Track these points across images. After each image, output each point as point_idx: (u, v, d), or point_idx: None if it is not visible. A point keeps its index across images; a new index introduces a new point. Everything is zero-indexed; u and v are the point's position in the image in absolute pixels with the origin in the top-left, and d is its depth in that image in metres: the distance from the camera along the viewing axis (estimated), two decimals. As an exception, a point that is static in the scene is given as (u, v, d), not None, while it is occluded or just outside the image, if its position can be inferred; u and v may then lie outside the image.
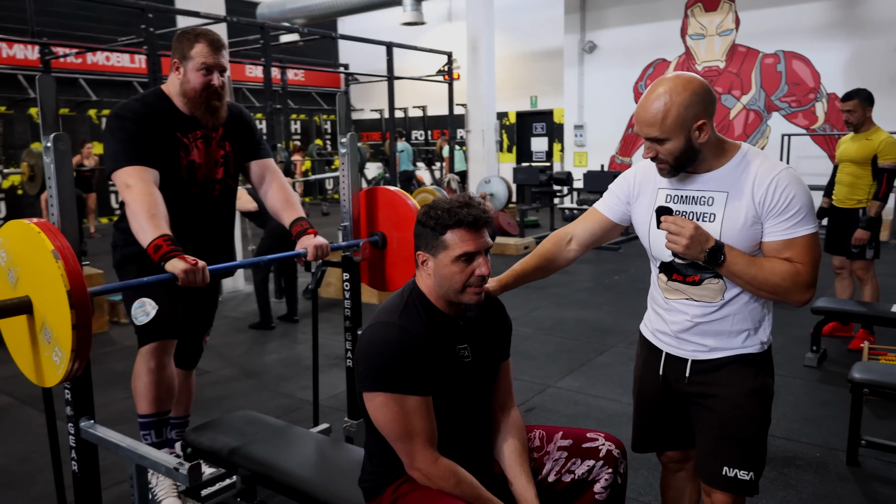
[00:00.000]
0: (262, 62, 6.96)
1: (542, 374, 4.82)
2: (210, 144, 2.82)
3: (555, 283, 7.84)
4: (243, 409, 4.22)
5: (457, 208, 1.91)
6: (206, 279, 2.35)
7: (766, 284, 1.93)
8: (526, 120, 16.59)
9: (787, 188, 1.91)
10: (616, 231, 2.32)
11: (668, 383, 2.19)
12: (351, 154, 3.09)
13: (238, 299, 7.53)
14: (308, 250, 2.76)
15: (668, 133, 1.91)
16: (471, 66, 11.55)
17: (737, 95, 12.33)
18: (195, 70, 2.69)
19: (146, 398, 2.76)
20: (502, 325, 2.18)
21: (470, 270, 1.91)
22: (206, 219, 2.89)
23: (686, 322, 2.10)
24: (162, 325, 2.71)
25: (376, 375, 1.86)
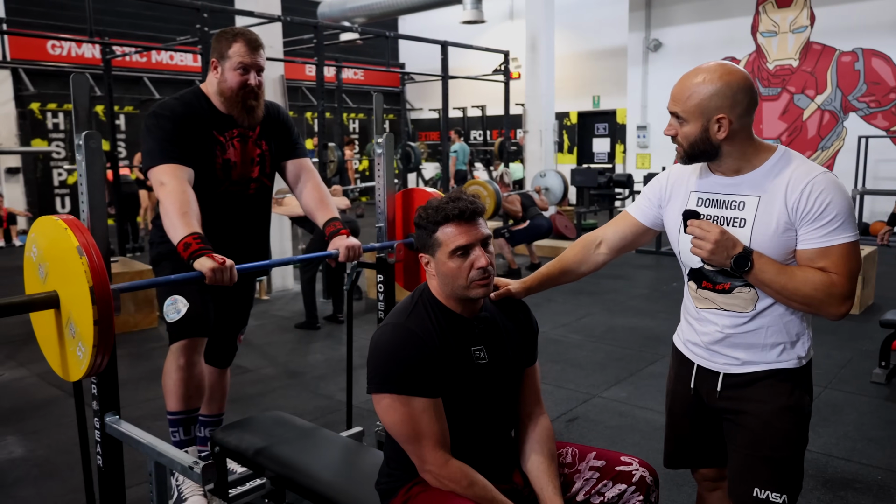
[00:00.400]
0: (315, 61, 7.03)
1: (589, 383, 4.77)
2: (246, 143, 2.87)
3: (609, 289, 7.78)
4: (280, 409, 4.30)
5: (444, 204, 1.93)
6: (233, 278, 2.38)
7: (798, 295, 1.86)
8: (588, 120, 16.45)
9: (822, 193, 1.84)
10: (648, 236, 2.28)
11: (700, 397, 2.14)
12: (386, 155, 3.11)
13: (286, 298, 7.63)
14: (340, 251, 2.79)
15: (688, 114, 1.89)
16: (530, 64, 11.51)
17: (811, 95, 12.02)
18: (232, 69, 2.75)
19: (175, 395, 2.81)
20: (526, 327, 2.17)
21: (469, 264, 1.92)
22: (241, 217, 2.94)
23: (717, 333, 2.04)
24: (192, 323, 2.76)
25: (382, 377, 1.88)
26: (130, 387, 4.73)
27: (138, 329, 6.17)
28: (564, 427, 4.05)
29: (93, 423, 2.40)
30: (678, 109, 1.90)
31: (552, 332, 6.10)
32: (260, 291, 7.62)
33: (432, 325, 1.94)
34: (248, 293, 3.22)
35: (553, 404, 4.37)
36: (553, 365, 5.17)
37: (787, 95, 12.20)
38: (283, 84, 7.59)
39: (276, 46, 7.67)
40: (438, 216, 1.92)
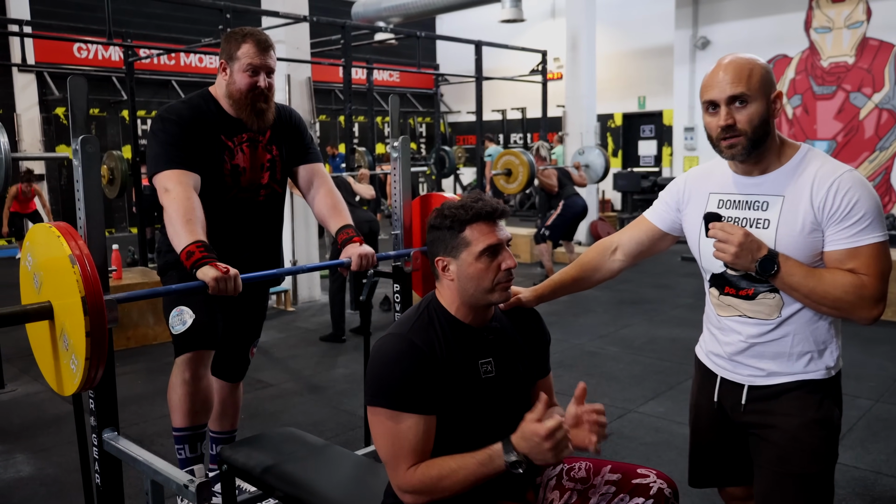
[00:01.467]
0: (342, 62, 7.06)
1: (624, 398, 4.72)
2: (256, 148, 2.87)
3: (651, 299, 7.72)
4: (300, 426, 4.29)
5: (471, 203, 1.92)
6: (238, 288, 2.37)
7: (827, 298, 1.83)
8: (633, 122, 16.32)
9: (850, 191, 1.82)
10: (666, 241, 2.26)
11: (724, 411, 2.11)
12: (402, 158, 3.09)
13: (313, 309, 7.67)
14: (352, 259, 2.77)
15: (754, 90, 1.86)
16: (570, 64, 11.46)
17: (868, 94, 11.77)
18: (241, 71, 2.75)
19: (180, 410, 2.81)
20: (537, 338, 2.14)
21: (496, 265, 1.91)
22: (251, 226, 2.94)
23: (740, 343, 2.02)
24: (198, 335, 2.76)
25: (376, 389, 1.86)
26: (147, 402, 4.77)
27: (157, 342, 6.23)
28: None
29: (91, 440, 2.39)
30: (741, 88, 1.86)
31: (589, 343, 6.06)
32: (285, 303, 7.66)
33: (437, 336, 1.92)
34: (259, 304, 3.21)
35: (584, 421, 4.30)
36: (588, 378, 5.12)
37: (843, 94, 11.97)
38: (311, 86, 7.64)
39: (303, 47, 7.72)
40: (467, 215, 1.91)
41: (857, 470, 3.58)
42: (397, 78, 18.12)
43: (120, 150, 7.91)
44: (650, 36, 15.36)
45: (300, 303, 7.91)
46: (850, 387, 4.57)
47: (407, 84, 18.29)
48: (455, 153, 14.81)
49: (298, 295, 7.94)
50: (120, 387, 5.00)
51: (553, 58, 14.68)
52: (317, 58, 8.79)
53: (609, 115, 16.22)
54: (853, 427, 4.10)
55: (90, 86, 10.34)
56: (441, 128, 14.99)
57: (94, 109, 13.37)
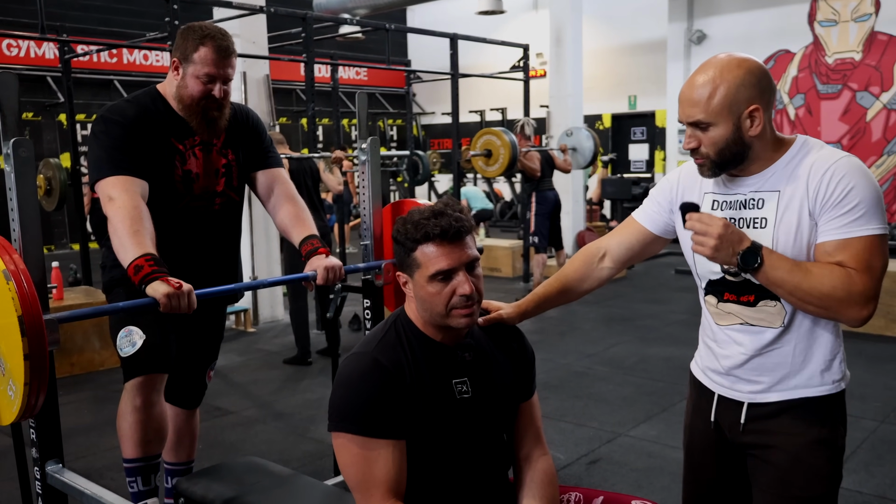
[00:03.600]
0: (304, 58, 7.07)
1: (614, 421, 4.77)
2: (210, 152, 2.88)
3: (643, 315, 7.78)
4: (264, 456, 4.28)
5: (424, 219, 1.91)
6: (192, 305, 2.39)
7: (813, 294, 1.83)
8: (623, 124, 16.46)
9: (845, 178, 1.84)
10: (658, 245, 2.28)
11: (722, 432, 2.13)
12: (372, 162, 3.11)
13: (276, 330, 7.66)
14: (318, 272, 2.79)
15: (714, 116, 1.88)
16: (554, 60, 11.51)
17: (875, 93, 11.93)
18: (195, 77, 2.75)
19: (131, 440, 2.81)
20: (519, 357, 2.16)
21: (450, 291, 1.90)
22: (206, 237, 2.94)
23: (740, 354, 2.03)
24: (149, 358, 2.76)
25: (340, 413, 1.88)
26: (95, 433, 4.75)
27: (105, 368, 6.19)
28: (584, 470, 4.04)
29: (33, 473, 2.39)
30: (699, 114, 1.89)
31: (576, 363, 6.10)
32: (245, 323, 7.65)
33: (405, 354, 1.94)
34: (216, 323, 3.23)
35: (572, 445, 4.37)
36: (575, 401, 5.17)
37: (849, 93, 12.13)
38: (269, 85, 7.64)
39: (261, 42, 7.71)
40: (418, 233, 1.90)
41: (861, 495, 3.64)
42: (365, 76, 18.14)
43: (58, 158, 7.81)
44: (641, 30, 15.48)
45: (261, 323, 7.90)
46: (854, 407, 4.59)
47: (376, 83, 18.31)
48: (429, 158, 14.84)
49: (259, 314, 7.92)
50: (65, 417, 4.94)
51: (536, 53, 14.76)
52: (276, 53, 8.77)
53: (597, 116, 16.32)
54: (857, 449, 4.17)
55: (22, 87, 10.15)
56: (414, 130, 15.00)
57: (27, 114, 13.21)
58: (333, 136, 10.63)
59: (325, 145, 15.83)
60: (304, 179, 6.17)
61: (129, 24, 13.70)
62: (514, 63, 10.54)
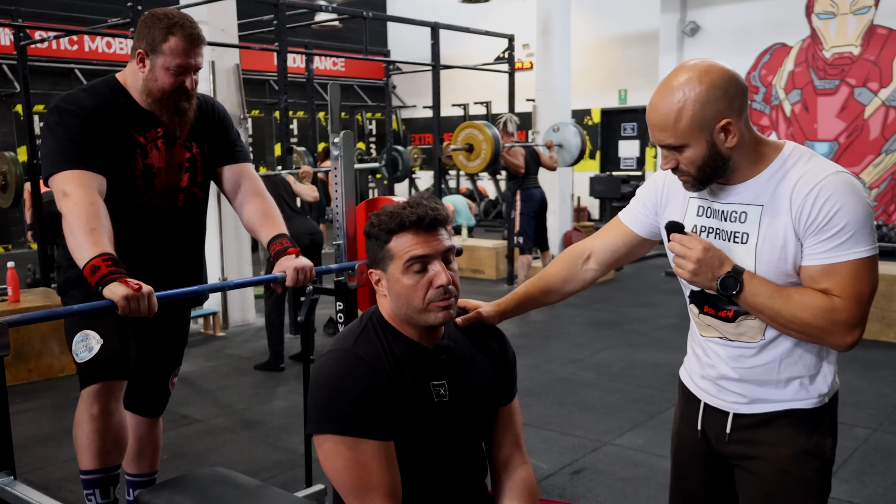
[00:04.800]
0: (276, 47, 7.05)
1: (600, 429, 4.79)
2: (173, 145, 2.86)
3: (632, 318, 7.81)
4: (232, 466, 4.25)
5: (399, 209, 1.93)
6: (152, 308, 2.38)
7: (795, 322, 1.85)
8: (613, 119, 16.49)
9: (831, 198, 1.81)
10: (645, 247, 2.30)
11: (708, 441, 2.15)
12: (345, 156, 3.10)
13: (247, 334, 7.63)
14: (287, 274, 2.78)
15: (685, 138, 1.86)
16: (541, 52, 11.49)
17: (874, 89, 12.00)
18: (165, 69, 2.72)
19: (89, 451, 2.79)
20: (499, 359, 2.16)
21: (427, 281, 1.91)
22: (168, 236, 2.93)
23: (723, 366, 2.05)
24: (107, 364, 2.74)
25: (326, 414, 1.86)
26: (53, 443, 4.72)
27: (65, 374, 6.15)
28: (568, 480, 4.05)
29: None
30: (669, 139, 1.88)
31: (561, 369, 6.12)
32: (214, 326, 7.61)
33: (384, 350, 1.94)
34: (180, 327, 3.21)
35: (556, 454, 4.39)
36: (559, 408, 5.18)
37: (847, 89, 12.19)
38: (239, 75, 7.61)
39: (230, 29, 7.65)
40: (392, 223, 1.92)
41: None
42: (342, 67, 18.08)
43: (14, 152, 7.70)
44: (633, 21, 15.52)
45: (231, 326, 7.87)
46: (847, 414, 4.68)
47: (354, 74, 18.26)
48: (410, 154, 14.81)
49: (229, 317, 7.89)
50: (22, 426, 4.90)
51: (522, 44, 14.77)
52: (246, 42, 8.72)
53: (586, 111, 16.34)
54: (849, 458, 4.21)
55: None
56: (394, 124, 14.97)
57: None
58: (308, 130, 10.60)
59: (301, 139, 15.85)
60: (279, 193, 6.19)
61: (89, 8, 13.48)
62: (499, 54, 10.51)
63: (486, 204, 16.63)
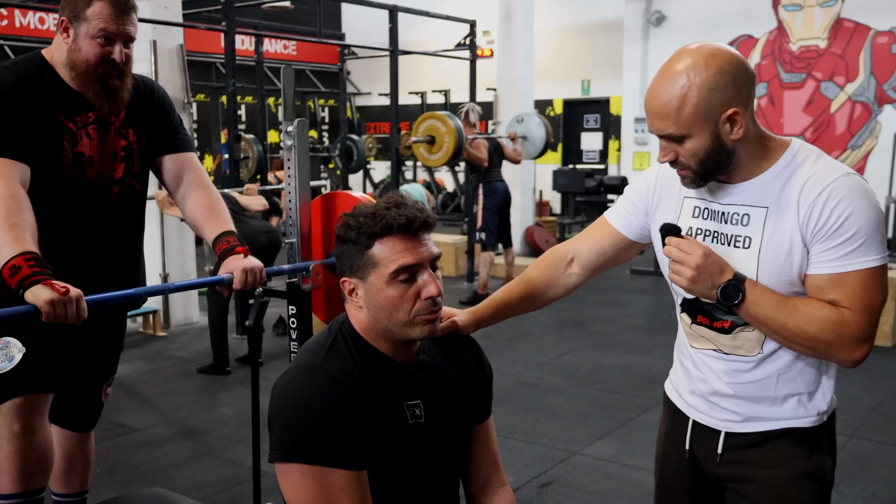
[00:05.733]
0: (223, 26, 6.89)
1: (568, 438, 4.76)
2: (107, 132, 2.72)
3: (597, 319, 7.84)
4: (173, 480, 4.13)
5: (383, 210, 1.79)
6: (81, 314, 2.24)
7: (800, 335, 1.80)
8: (575, 110, 16.53)
9: (842, 202, 1.75)
10: (632, 250, 2.22)
11: (697, 462, 2.09)
12: (299, 147, 2.98)
13: (190, 334, 7.50)
14: (234, 275, 2.66)
15: (688, 127, 1.77)
16: (503, 39, 11.51)
17: (840, 83, 12.10)
18: (89, 37, 2.57)
19: (9, 473, 2.64)
20: (476, 374, 2.07)
21: (414, 292, 1.79)
22: (101, 232, 2.79)
23: (716, 381, 1.99)
24: (30, 375, 2.60)
25: (291, 441, 1.73)
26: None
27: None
28: (536, 495, 4.02)
29: None
30: (670, 128, 1.79)
31: (525, 373, 6.09)
32: (154, 326, 7.44)
33: (356, 368, 1.82)
34: (113, 333, 3.06)
35: (522, 465, 4.34)
36: (525, 416, 5.15)
37: (813, 83, 12.27)
38: (183, 57, 7.48)
39: (173, 7, 7.52)
40: (377, 226, 1.78)
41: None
42: (294, 50, 17.91)
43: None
44: (597, 9, 15.56)
45: (173, 326, 7.72)
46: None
47: (306, 58, 18.07)
48: (365, 143, 14.69)
49: (171, 316, 7.73)
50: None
51: (483, 31, 14.69)
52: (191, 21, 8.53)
53: (548, 102, 16.35)
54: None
55: None
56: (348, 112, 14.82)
57: None
58: (258, 116, 10.45)
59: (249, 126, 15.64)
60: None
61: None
62: (460, 41, 10.41)
63: (445, 196, 16.57)
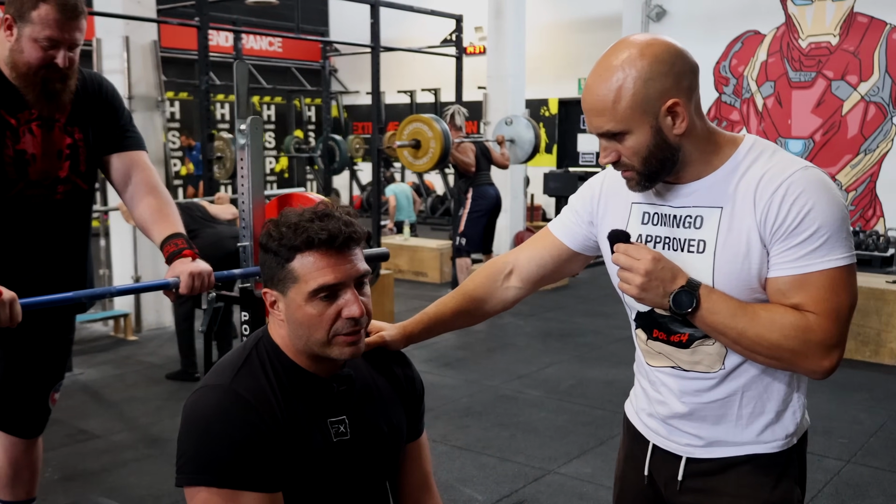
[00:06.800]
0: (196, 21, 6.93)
1: (544, 455, 4.72)
2: (51, 129, 2.74)
3: (583, 331, 7.80)
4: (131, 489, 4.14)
5: (306, 222, 1.76)
6: (15, 317, 2.26)
7: (762, 344, 1.71)
8: (571, 110, 16.51)
9: (801, 197, 1.69)
10: (577, 262, 2.18)
11: (656, 488, 2.04)
12: (252, 145, 2.99)
13: (160, 339, 7.49)
14: (181, 279, 2.66)
15: (626, 122, 1.72)
16: (493, 35, 11.48)
17: (853, 83, 12.08)
18: (33, 40, 2.58)
19: None
20: (405, 389, 2.06)
21: (334, 312, 1.76)
22: (44, 233, 2.81)
23: (675, 402, 1.92)
24: None
25: (197, 463, 1.71)
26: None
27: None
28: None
29: None
30: (607, 123, 1.74)
31: (504, 386, 6.07)
32: (125, 330, 7.45)
33: (270, 385, 1.80)
34: (59, 336, 3.06)
35: (493, 483, 4.32)
36: (500, 430, 5.12)
37: (824, 82, 12.25)
38: (157, 53, 7.50)
39: (147, 2, 7.55)
40: (297, 239, 1.75)
41: (823, 548, 3.63)
42: (279, 47, 17.94)
43: None
44: (593, 3, 15.55)
45: (145, 330, 7.71)
46: (817, 444, 4.67)
47: (292, 55, 18.12)
48: (351, 144, 14.72)
49: (143, 320, 7.73)
50: None
51: (474, 27, 14.73)
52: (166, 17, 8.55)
53: (542, 101, 16.36)
54: (818, 494, 4.16)
55: None
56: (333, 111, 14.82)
57: None
58: (237, 115, 10.45)
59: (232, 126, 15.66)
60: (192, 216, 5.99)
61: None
62: (446, 37, 10.42)
63: (434, 199, 16.57)
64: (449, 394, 5.80)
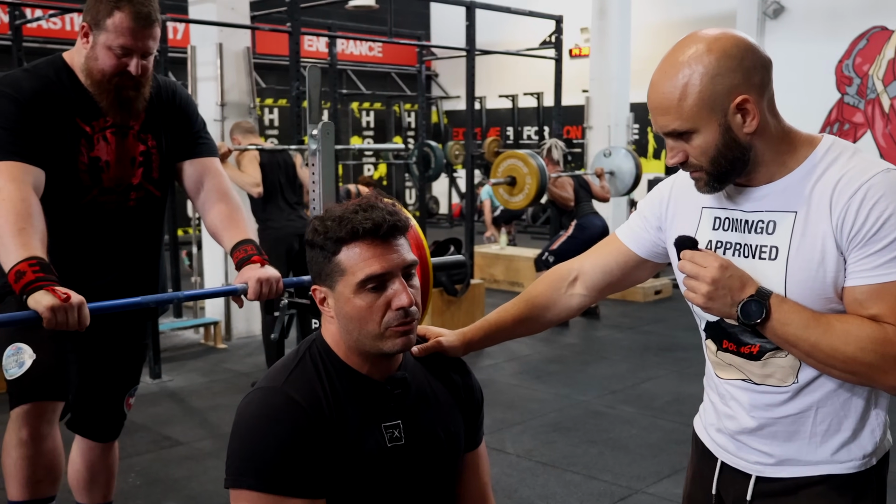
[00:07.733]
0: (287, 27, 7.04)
1: (633, 474, 4.67)
2: (125, 137, 2.83)
3: (685, 344, 7.64)
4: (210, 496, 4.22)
5: (350, 214, 1.79)
6: (83, 321, 2.33)
7: (836, 357, 1.68)
8: (682, 114, 16.26)
9: (881, 201, 1.65)
10: (644, 270, 2.17)
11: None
12: (324, 151, 3.06)
13: (250, 347, 7.62)
14: (249, 285, 2.73)
15: (692, 120, 1.71)
16: (597, 37, 11.43)
17: None
18: (107, 48, 2.68)
19: (17, 479, 2.77)
20: (464, 397, 2.07)
21: (384, 303, 1.79)
22: (116, 239, 2.90)
23: (744, 416, 1.90)
24: (39, 382, 2.72)
25: (243, 465, 1.77)
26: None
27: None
28: None
29: None
30: (673, 122, 1.73)
31: (597, 401, 6.02)
32: (215, 338, 7.62)
33: (323, 389, 1.84)
34: (133, 341, 3.17)
35: (576, 501, 4.30)
36: (588, 447, 5.08)
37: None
38: (250, 60, 7.66)
39: (241, 8, 7.69)
40: (342, 230, 1.79)
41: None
42: (379, 52, 18.09)
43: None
44: (705, 1, 15.32)
45: (234, 338, 7.85)
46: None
47: (392, 61, 18.26)
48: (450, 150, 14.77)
49: (233, 328, 7.88)
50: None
51: (580, 28, 14.65)
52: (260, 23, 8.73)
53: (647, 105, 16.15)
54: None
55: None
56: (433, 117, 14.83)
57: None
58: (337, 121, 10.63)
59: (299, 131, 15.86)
60: (276, 176, 6.14)
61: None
62: (545, 38, 10.40)
63: (536, 208, 16.49)
64: (538, 408, 5.79)
